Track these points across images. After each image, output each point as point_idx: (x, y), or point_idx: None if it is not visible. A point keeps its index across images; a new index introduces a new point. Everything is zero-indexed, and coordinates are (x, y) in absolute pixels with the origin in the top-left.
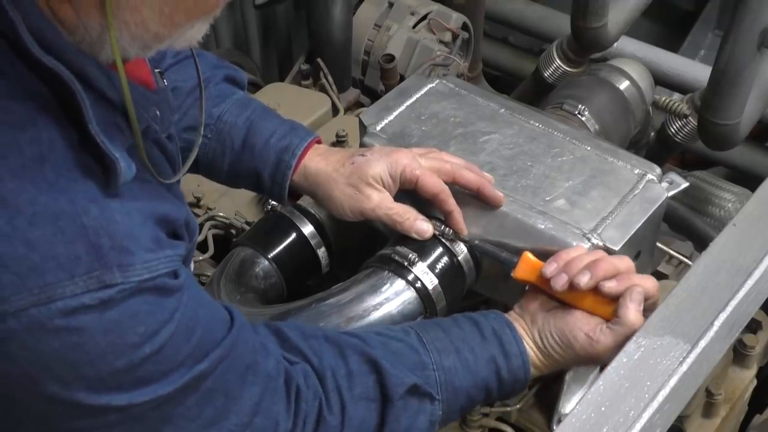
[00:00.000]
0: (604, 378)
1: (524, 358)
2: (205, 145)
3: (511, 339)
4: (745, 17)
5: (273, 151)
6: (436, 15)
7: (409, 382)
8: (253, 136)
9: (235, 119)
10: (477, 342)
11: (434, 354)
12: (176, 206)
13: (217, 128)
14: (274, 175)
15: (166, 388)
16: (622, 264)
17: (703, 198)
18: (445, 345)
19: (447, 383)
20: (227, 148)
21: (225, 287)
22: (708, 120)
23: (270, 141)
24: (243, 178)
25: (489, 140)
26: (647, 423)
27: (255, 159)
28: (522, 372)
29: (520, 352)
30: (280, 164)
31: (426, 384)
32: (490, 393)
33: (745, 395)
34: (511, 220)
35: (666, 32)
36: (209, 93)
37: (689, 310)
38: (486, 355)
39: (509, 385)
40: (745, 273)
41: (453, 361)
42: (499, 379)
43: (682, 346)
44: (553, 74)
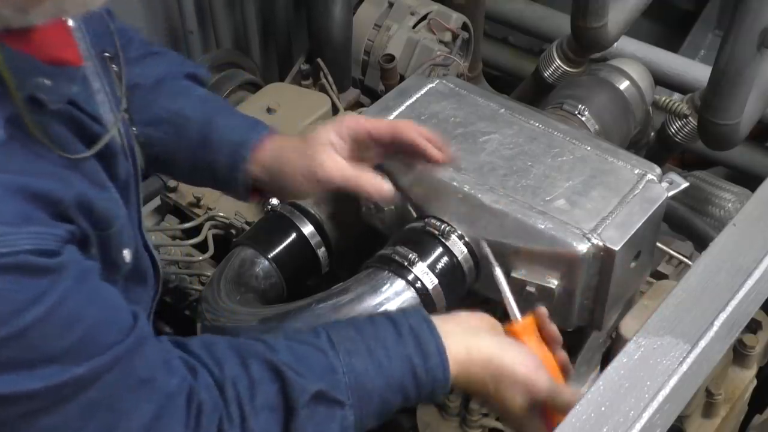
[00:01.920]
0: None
1: (443, 357)
2: (164, 140)
3: (429, 337)
4: (745, 17)
5: (229, 145)
6: (436, 15)
7: (314, 389)
8: (210, 130)
9: (193, 114)
10: (392, 341)
11: (344, 356)
12: (68, 186)
13: (176, 123)
14: (231, 168)
15: (32, 384)
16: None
17: (703, 198)
18: (356, 346)
19: (357, 387)
20: (184, 143)
21: (225, 287)
22: (708, 120)
23: (226, 135)
24: (201, 173)
25: (489, 140)
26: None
27: (212, 153)
28: (441, 371)
29: (438, 351)
30: (236, 156)
31: (333, 389)
32: (408, 394)
33: (745, 395)
34: (511, 220)
35: (666, 32)
36: (168, 88)
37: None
38: (401, 354)
39: (428, 385)
40: (745, 273)
41: (364, 363)
42: (415, 379)
43: (682, 346)
44: (553, 74)
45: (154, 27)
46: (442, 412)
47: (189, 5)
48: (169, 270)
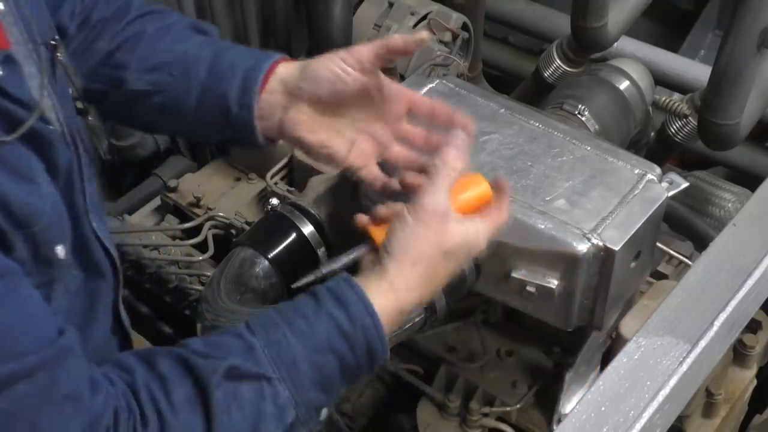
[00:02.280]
0: (604, 378)
1: (365, 302)
2: (171, 82)
3: (346, 288)
4: (745, 17)
5: (239, 70)
6: (436, 15)
7: (224, 365)
8: (218, 62)
9: (200, 52)
10: (311, 307)
11: (261, 334)
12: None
13: (183, 63)
14: (242, 98)
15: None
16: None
17: (703, 198)
18: (273, 321)
19: (281, 357)
20: (194, 82)
21: (225, 287)
22: (708, 120)
23: (236, 62)
24: (210, 110)
25: (489, 140)
26: (647, 423)
27: (220, 81)
28: (368, 317)
29: (359, 297)
30: (247, 83)
31: (253, 364)
32: (342, 354)
33: (745, 395)
34: (511, 220)
35: (666, 32)
36: (174, 34)
37: (689, 310)
38: (321, 314)
39: (359, 337)
40: (745, 273)
41: (282, 333)
42: (342, 334)
43: (682, 346)
44: (553, 74)
45: None
46: (442, 412)
47: (189, 5)
48: (169, 270)
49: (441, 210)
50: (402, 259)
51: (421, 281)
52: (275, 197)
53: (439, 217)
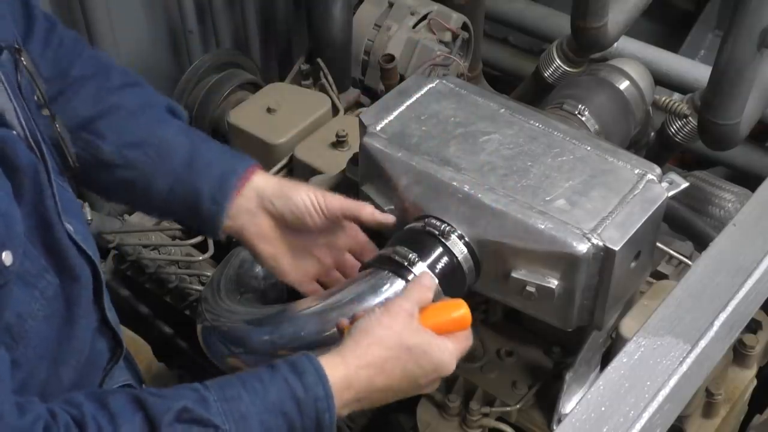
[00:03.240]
0: (604, 378)
1: (320, 373)
2: (144, 162)
3: (303, 359)
4: (745, 17)
5: (216, 172)
6: (436, 15)
7: (178, 406)
8: (196, 157)
9: (179, 141)
10: (266, 373)
11: (215, 389)
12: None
13: (159, 147)
14: (215, 195)
15: None
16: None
17: (703, 198)
18: (229, 381)
19: (232, 411)
20: (168, 168)
21: (225, 287)
22: (708, 120)
23: (214, 162)
24: (180, 201)
25: (489, 140)
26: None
27: (196, 177)
28: (320, 387)
29: (314, 368)
30: (223, 184)
31: (204, 410)
32: (291, 419)
33: (745, 395)
34: (511, 220)
35: (666, 32)
36: (153, 115)
37: (689, 310)
38: (276, 378)
39: (310, 404)
40: (745, 273)
41: (237, 390)
42: (294, 398)
43: (682, 346)
44: (553, 74)
45: (154, 27)
46: (442, 412)
47: (189, 5)
48: (169, 270)
49: (408, 308)
50: (359, 339)
51: (376, 362)
52: None
53: (406, 312)
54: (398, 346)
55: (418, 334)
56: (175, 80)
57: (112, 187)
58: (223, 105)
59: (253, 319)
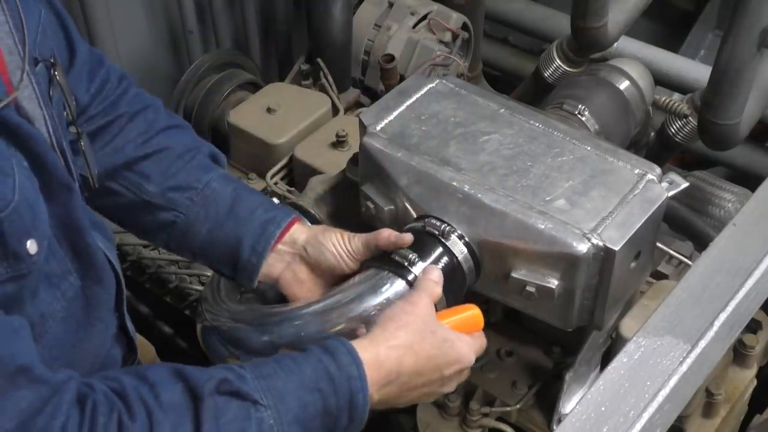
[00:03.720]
0: (604, 378)
1: (353, 354)
2: (188, 207)
3: (335, 341)
4: (745, 17)
5: (258, 221)
6: (436, 15)
7: (219, 376)
8: (239, 205)
9: (223, 188)
10: (299, 354)
11: (250, 368)
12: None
13: (204, 193)
14: (255, 245)
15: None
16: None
17: (703, 198)
18: (263, 361)
19: (269, 387)
20: (211, 214)
21: (225, 287)
22: (708, 120)
23: (256, 212)
24: (219, 247)
25: (489, 140)
26: (647, 423)
27: (239, 226)
28: (354, 368)
29: (347, 349)
30: (264, 233)
31: (243, 384)
32: (326, 395)
33: (745, 395)
34: (511, 220)
35: (666, 32)
36: (199, 161)
37: (689, 310)
38: (309, 357)
39: (344, 383)
40: (745, 273)
41: (272, 368)
42: (329, 376)
43: (682, 346)
44: (553, 74)
45: (154, 27)
46: (442, 412)
47: (189, 5)
48: (169, 270)
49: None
50: (386, 325)
51: (404, 344)
52: (275, 197)
53: (425, 302)
54: (424, 329)
55: (439, 324)
56: (175, 80)
57: (153, 229)
58: (223, 105)
59: (253, 320)
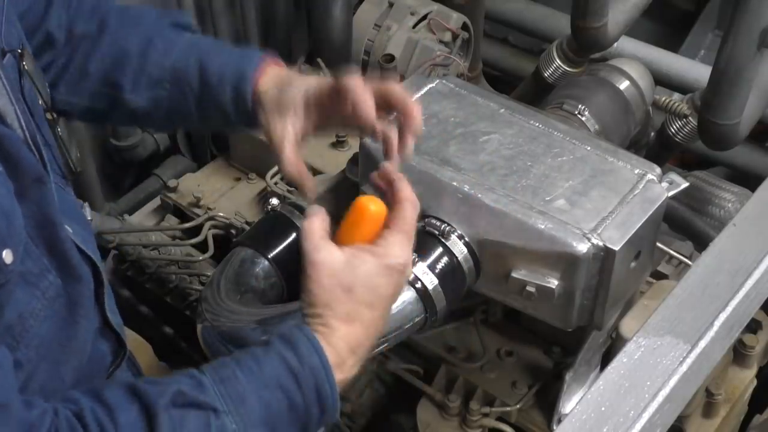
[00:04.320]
0: (604, 378)
1: (314, 343)
2: (169, 97)
3: (294, 330)
4: (745, 17)
5: (228, 84)
6: (436, 15)
7: (172, 389)
8: (207, 75)
9: (186, 64)
10: (260, 349)
11: (209, 372)
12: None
13: (174, 78)
14: (236, 106)
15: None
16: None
17: (703, 198)
18: (223, 362)
19: (229, 392)
20: (189, 93)
21: (225, 287)
22: (708, 120)
23: (223, 75)
24: (212, 118)
25: (489, 140)
26: (647, 423)
27: (215, 96)
28: (315, 357)
29: (306, 337)
30: (238, 95)
31: (200, 393)
32: (290, 393)
33: (745, 395)
34: (511, 220)
35: (666, 32)
36: (157, 47)
37: (689, 310)
38: (270, 353)
39: (307, 376)
40: (745, 273)
41: (231, 370)
42: (290, 371)
43: (682, 346)
44: (553, 74)
45: None
46: (442, 412)
47: (189, 5)
48: (169, 270)
49: (316, 256)
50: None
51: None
52: (275, 197)
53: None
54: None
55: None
56: None
57: (153, 124)
58: None
59: (253, 320)
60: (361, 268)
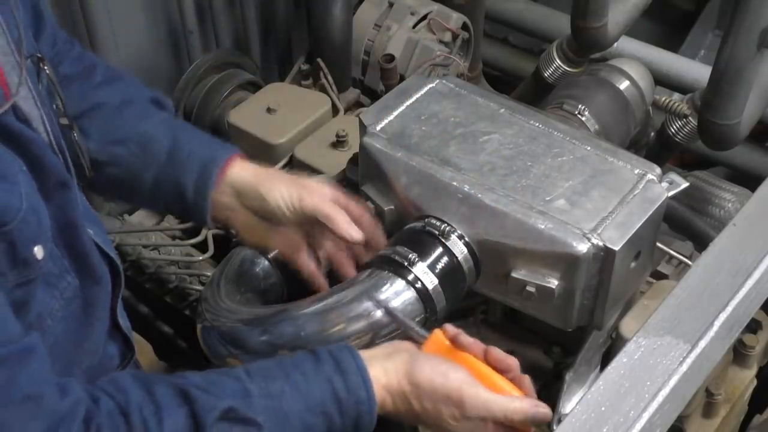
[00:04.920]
0: (604, 378)
1: (364, 376)
2: (129, 159)
3: (349, 357)
4: (745, 17)
5: (196, 161)
6: (436, 15)
7: (223, 405)
8: (177, 148)
9: (161, 133)
10: (310, 365)
11: (258, 380)
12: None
13: (142, 142)
14: (198, 184)
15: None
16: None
17: (703, 198)
18: (273, 372)
19: (274, 409)
20: (151, 161)
21: (225, 287)
22: (708, 120)
23: (194, 152)
24: (166, 192)
25: (489, 140)
26: (647, 423)
27: (179, 169)
28: (363, 390)
29: (358, 369)
30: (204, 172)
31: (247, 408)
32: (331, 418)
33: (745, 395)
34: (511, 220)
35: (666, 32)
36: (135, 110)
37: (689, 310)
38: (320, 375)
39: (351, 407)
40: (745, 273)
41: (281, 386)
42: (336, 399)
43: (682, 346)
44: (553, 74)
45: (154, 27)
46: None
47: (189, 5)
48: (169, 270)
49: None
50: (409, 392)
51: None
52: None
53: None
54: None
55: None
56: (175, 80)
57: (101, 184)
58: (223, 105)
59: (253, 320)
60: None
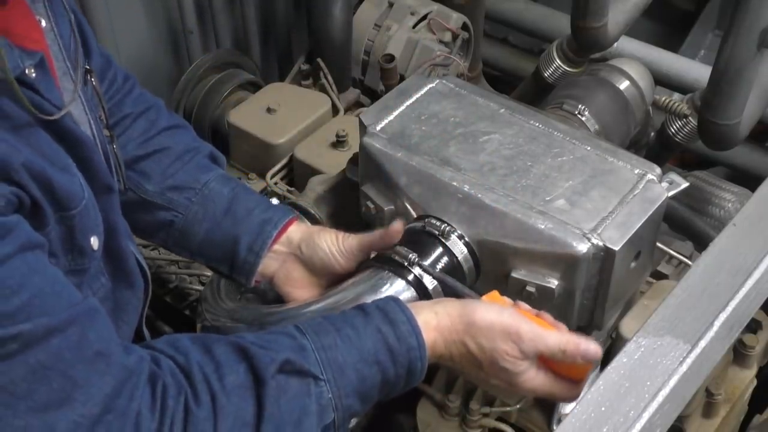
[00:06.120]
0: (604, 378)
1: (413, 324)
2: (186, 206)
3: (396, 308)
4: (745, 17)
5: (255, 221)
6: (436, 15)
7: (281, 357)
8: (237, 204)
9: (221, 188)
10: (359, 319)
11: (311, 335)
12: (14, 150)
13: (203, 193)
14: (252, 244)
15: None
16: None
17: (703, 198)
18: (323, 326)
19: (329, 360)
20: (209, 213)
21: (225, 287)
22: (708, 120)
23: (254, 211)
24: (217, 247)
25: (489, 140)
26: (647, 423)
27: (236, 226)
28: (414, 338)
29: (407, 319)
30: (262, 233)
31: (304, 361)
32: (385, 369)
33: (745, 395)
34: (511, 220)
35: (666, 32)
36: (198, 161)
37: (689, 310)
38: (370, 327)
39: (403, 355)
40: (745, 273)
41: (333, 339)
42: (388, 348)
43: (682, 346)
44: (553, 74)
45: (154, 27)
46: (442, 412)
47: (189, 5)
48: (169, 270)
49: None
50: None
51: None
52: (275, 197)
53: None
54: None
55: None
56: (175, 80)
57: (151, 228)
58: (223, 105)
59: (253, 320)
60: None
